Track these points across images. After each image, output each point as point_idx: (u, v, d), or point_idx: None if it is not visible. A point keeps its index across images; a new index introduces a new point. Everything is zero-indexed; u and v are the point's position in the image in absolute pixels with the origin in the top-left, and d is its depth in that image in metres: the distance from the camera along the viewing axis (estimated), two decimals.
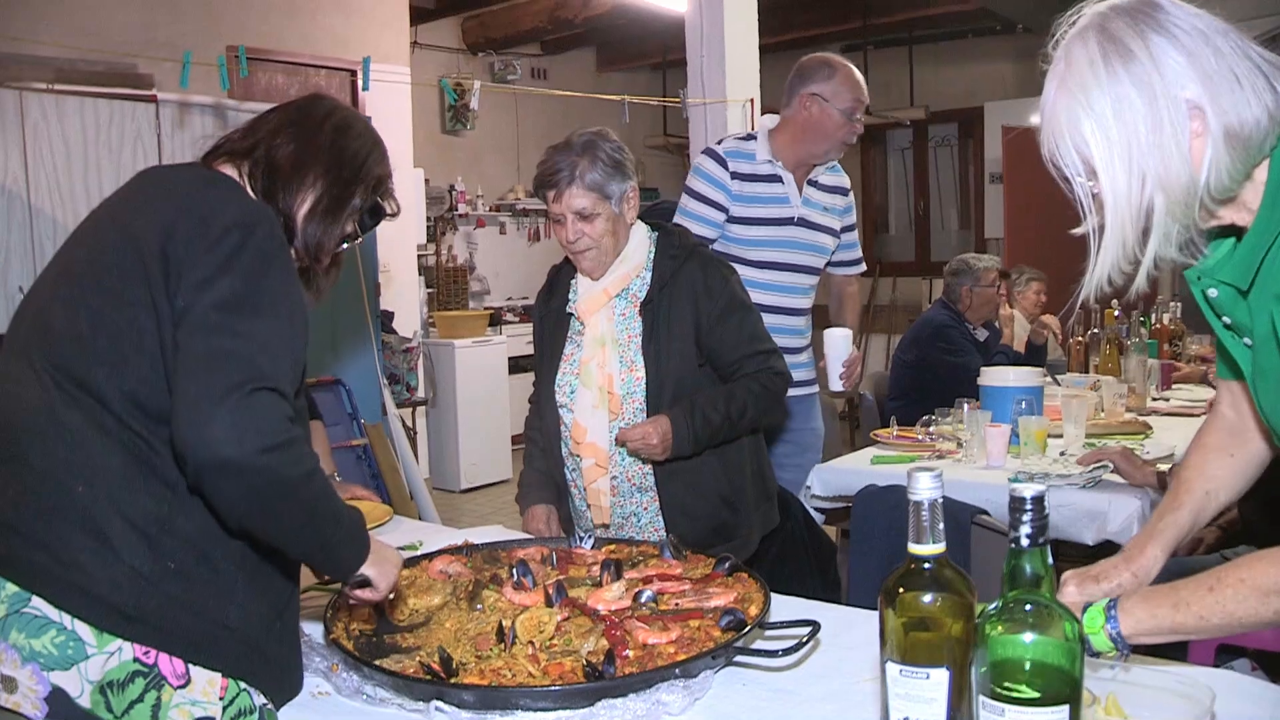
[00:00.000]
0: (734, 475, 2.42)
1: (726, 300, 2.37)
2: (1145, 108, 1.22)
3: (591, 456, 2.37)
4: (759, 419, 2.41)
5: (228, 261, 1.37)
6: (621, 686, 1.43)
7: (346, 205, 1.61)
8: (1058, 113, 1.27)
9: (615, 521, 2.42)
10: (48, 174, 4.01)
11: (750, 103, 5.15)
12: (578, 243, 2.33)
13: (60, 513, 1.34)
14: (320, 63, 6.57)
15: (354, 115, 1.68)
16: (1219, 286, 1.34)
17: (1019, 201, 7.11)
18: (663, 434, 2.24)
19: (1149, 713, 1.30)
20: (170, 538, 1.36)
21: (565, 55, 9.58)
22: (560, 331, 2.48)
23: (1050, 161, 1.29)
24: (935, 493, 1.11)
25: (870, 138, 10.40)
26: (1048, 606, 1.07)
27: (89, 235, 1.51)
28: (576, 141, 2.31)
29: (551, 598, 1.72)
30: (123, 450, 1.37)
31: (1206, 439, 1.62)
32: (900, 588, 1.13)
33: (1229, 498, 1.60)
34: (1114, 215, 1.25)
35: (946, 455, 3.32)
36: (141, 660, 1.33)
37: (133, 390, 1.37)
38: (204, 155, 1.61)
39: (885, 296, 10.33)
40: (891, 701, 1.13)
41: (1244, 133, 1.22)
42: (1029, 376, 3.60)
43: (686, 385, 2.33)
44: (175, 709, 1.35)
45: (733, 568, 1.83)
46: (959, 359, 4.54)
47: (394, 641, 1.69)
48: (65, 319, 1.42)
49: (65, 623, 1.32)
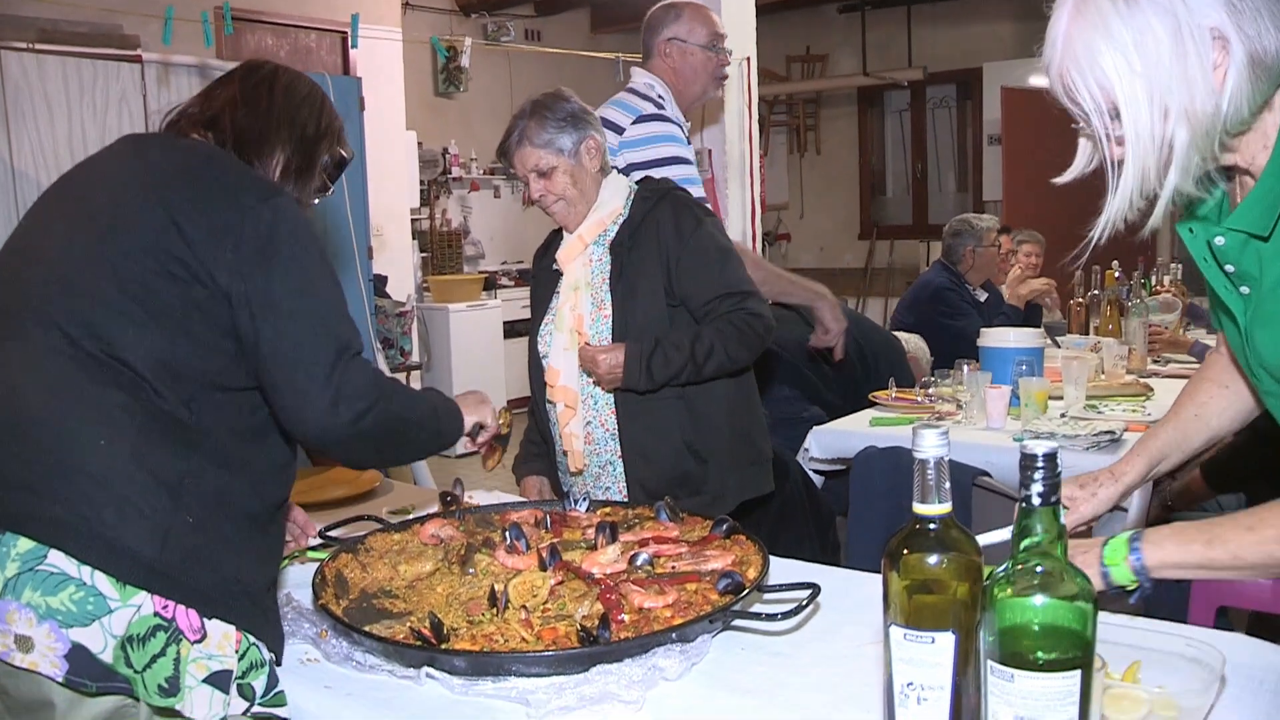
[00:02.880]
0: (703, 425, 2.38)
1: (698, 242, 2.35)
2: (1169, 38, 1.18)
3: (563, 399, 2.39)
4: (729, 362, 2.33)
5: (271, 243, 1.45)
6: (617, 651, 1.40)
7: (317, 162, 1.68)
8: (1073, 43, 1.23)
9: (592, 471, 2.42)
10: (30, 136, 3.95)
11: (746, 61, 5.06)
12: (543, 199, 2.39)
13: (80, 469, 1.34)
14: (310, 24, 6.47)
15: (295, 74, 1.73)
16: (1227, 234, 1.31)
17: (1018, 163, 7.03)
18: (612, 362, 2.26)
19: (1159, 676, 1.27)
20: (191, 493, 1.38)
21: (559, 16, 9.47)
22: (550, 287, 2.50)
23: (1066, 95, 1.25)
24: (942, 450, 1.07)
25: (867, 99, 10.33)
26: (1059, 567, 1.03)
27: (104, 195, 1.51)
28: (527, 104, 2.38)
29: (545, 561, 1.69)
30: (143, 407, 1.38)
31: (1204, 371, 1.68)
32: (904, 549, 1.08)
33: (1221, 425, 1.66)
34: (1135, 148, 1.22)
35: (946, 417, 3.29)
36: (161, 614, 1.34)
37: (156, 350, 1.40)
38: (166, 125, 1.64)
39: (883, 259, 10.29)
40: (895, 666, 1.09)
41: (1267, 61, 1.20)
42: (1029, 338, 3.57)
43: (654, 325, 2.32)
44: (194, 663, 1.36)
45: (730, 530, 1.79)
46: (958, 322, 4.49)
47: (384, 606, 1.65)
48: (85, 276, 1.43)
49: (85, 577, 1.31)
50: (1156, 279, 5.14)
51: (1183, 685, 1.25)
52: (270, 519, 1.51)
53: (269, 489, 1.51)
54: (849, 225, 10.55)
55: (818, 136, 10.56)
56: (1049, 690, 1.00)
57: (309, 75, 1.77)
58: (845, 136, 10.48)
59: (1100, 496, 1.65)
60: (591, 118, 2.40)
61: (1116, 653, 1.27)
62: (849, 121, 10.48)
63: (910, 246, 10.07)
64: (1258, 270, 1.30)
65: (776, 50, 9.78)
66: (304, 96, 1.68)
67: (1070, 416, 3.16)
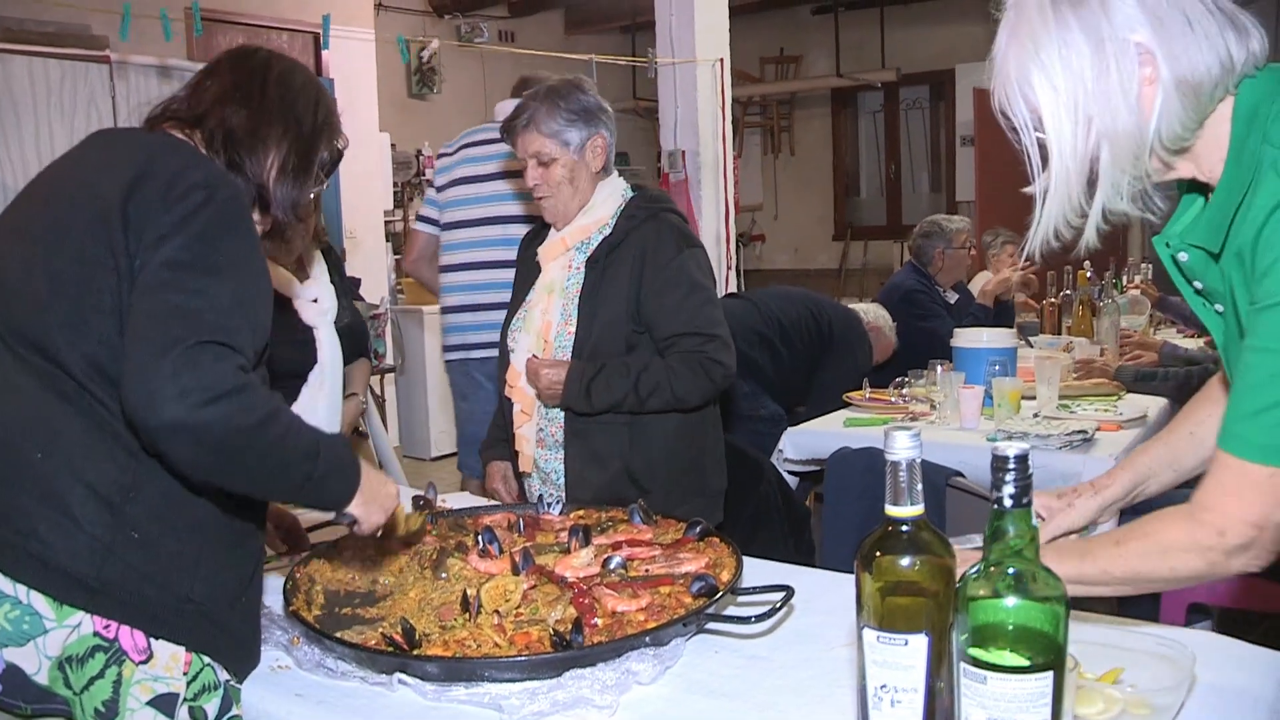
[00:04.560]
0: (647, 454, 2.31)
1: (673, 273, 2.28)
2: (1092, 53, 1.18)
3: (519, 401, 2.37)
4: (675, 400, 2.25)
5: (185, 221, 1.31)
6: (590, 656, 1.39)
7: (315, 159, 1.56)
8: (1007, 61, 1.23)
9: (540, 474, 2.40)
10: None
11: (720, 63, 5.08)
12: (536, 189, 2.33)
13: (15, 481, 1.29)
14: (281, 25, 6.43)
15: (290, 63, 1.61)
16: (1189, 250, 1.30)
17: (991, 164, 7.07)
18: (553, 379, 2.23)
19: (1131, 674, 1.28)
20: (134, 506, 1.31)
21: (533, 18, 9.44)
22: (531, 275, 2.46)
23: (1000, 111, 1.26)
24: (914, 452, 1.06)
25: (841, 100, 10.36)
26: (1031, 569, 1.03)
27: (44, 195, 1.44)
28: (543, 87, 2.31)
29: (518, 565, 1.68)
30: (83, 416, 1.31)
31: (1205, 391, 1.59)
32: (878, 551, 1.08)
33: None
34: (1059, 165, 1.22)
35: (920, 417, 3.30)
36: (102, 634, 1.29)
37: (93, 354, 1.31)
38: (148, 120, 1.54)
39: (857, 260, 10.33)
40: (869, 669, 1.09)
41: (1195, 79, 1.18)
42: (1002, 338, 3.58)
43: (611, 347, 2.27)
44: (137, 685, 1.31)
45: (704, 532, 1.78)
46: (929, 324, 4.50)
47: (357, 613, 1.64)
48: (21, 280, 1.35)
49: (20, 596, 1.27)
50: (1128, 279, 5.19)
51: (1155, 683, 1.26)
52: (231, 532, 1.42)
53: (223, 500, 1.39)
54: (823, 226, 10.58)
55: (792, 137, 10.59)
56: (1021, 692, 1.00)
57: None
58: (819, 137, 10.52)
59: (1077, 508, 1.56)
60: (605, 115, 2.33)
61: (1089, 652, 1.28)
62: (823, 122, 10.51)
63: (884, 247, 10.11)
64: (1224, 287, 1.28)
65: (750, 51, 9.80)
66: (300, 87, 1.56)
67: (1043, 416, 3.18)
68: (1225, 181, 1.23)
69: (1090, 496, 1.57)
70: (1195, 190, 1.33)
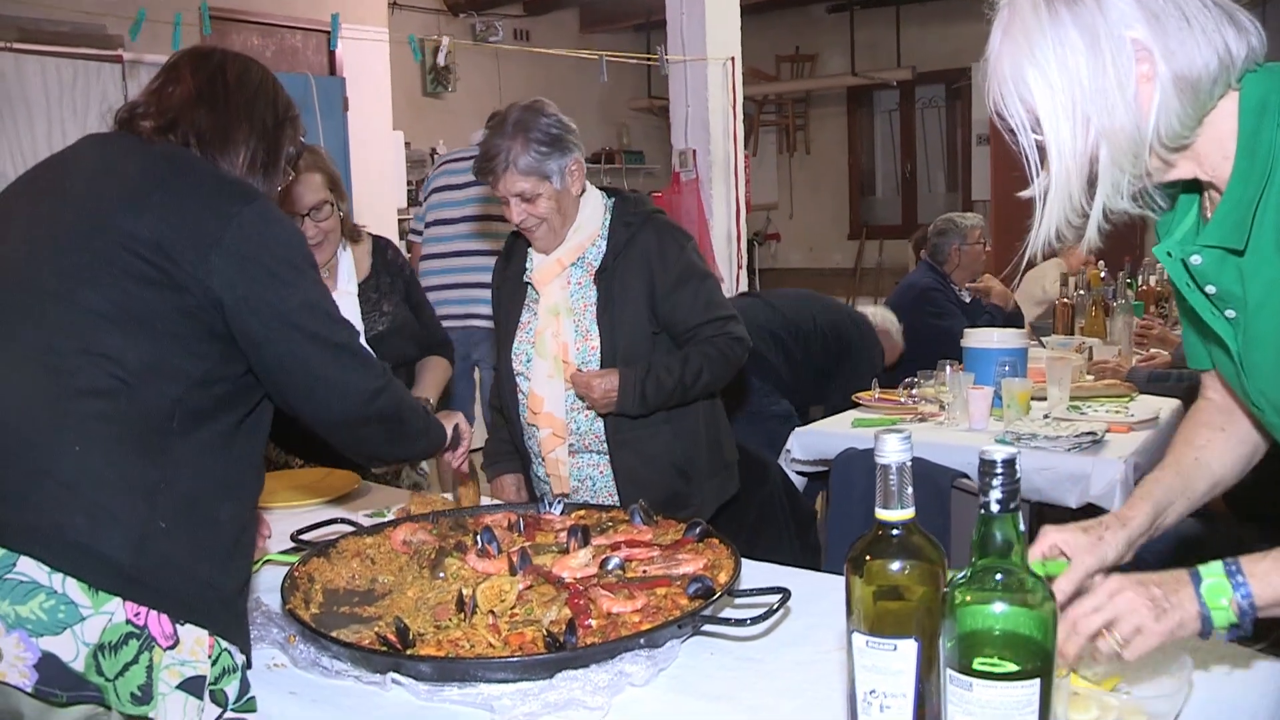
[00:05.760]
0: (687, 443, 2.42)
1: (682, 268, 2.36)
2: (1088, 51, 1.16)
3: (548, 426, 2.38)
4: (714, 383, 2.39)
5: (261, 248, 1.45)
6: (583, 657, 1.39)
7: (282, 153, 1.63)
8: (1002, 61, 1.22)
9: (573, 485, 2.42)
10: (9, 136, 3.92)
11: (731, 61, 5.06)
12: (524, 222, 2.33)
13: (52, 474, 1.32)
14: (294, 23, 6.44)
15: (245, 60, 1.66)
16: (1203, 252, 1.27)
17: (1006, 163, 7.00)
18: (606, 388, 2.27)
19: (1126, 683, 1.26)
20: (165, 498, 1.36)
21: (548, 16, 9.45)
22: (518, 299, 2.47)
23: (995, 112, 1.24)
24: (904, 456, 1.06)
25: (856, 99, 10.33)
26: (1019, 575, 1.02)
27: (78, 205, 1.47)
28: (510, 121, 2.29)
29: (516, 565, 1.67)
30: (122, 415, 1.36)
31: (1195, 416, 1.54)
32: (868, 555, 1.08)
33: (1223, 471, 1.50)
34: (1059, 165, 1.20)
35: (929, 418, 3.27)
36: (133, 622, 1.32)
37: (146, 355, 1.38)
38: (117, 124, 1.58)
39: (872, 259, 10.29)
40: (858, 674, 1.08)
41: (1193, 75, 1.17)
42: (1013, 338, 3.55)
43: (640, 353, 2.33)
44: (166, 670, 1.34)
45: (703, 533, 1.78)
46: (945, 323, 4.47)
47: (355, 612, 1.64)
48: (65, 287, 1.40)
49: (55, 585, 1.29)
50: (1142, 278, 5.14)
51: (1152, 690, 1.24)
52: (241, 523, 1.49)
53: (240, 494, 1.50)
54: (838, 225, 10.55)
55: (807, 136, 10.56)
56: (1008, 699, 0.99)
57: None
58: (834, 136, 10.49)
59: (1108, 541, 1.37)
60: (572, 135, 2.34)
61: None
62: (838, 121, 10.47)
63: (899, 246, 10.04)
64: (1240, 288, 1.26)
65: (765, 50, 9.78)
66: (257, 85, 1.62)
67: (1053, 417, 3.15)
68: (1239, 176, 1.21)
69: (1118, 529, 1.41)
70: (1191, 191, 1.31)
